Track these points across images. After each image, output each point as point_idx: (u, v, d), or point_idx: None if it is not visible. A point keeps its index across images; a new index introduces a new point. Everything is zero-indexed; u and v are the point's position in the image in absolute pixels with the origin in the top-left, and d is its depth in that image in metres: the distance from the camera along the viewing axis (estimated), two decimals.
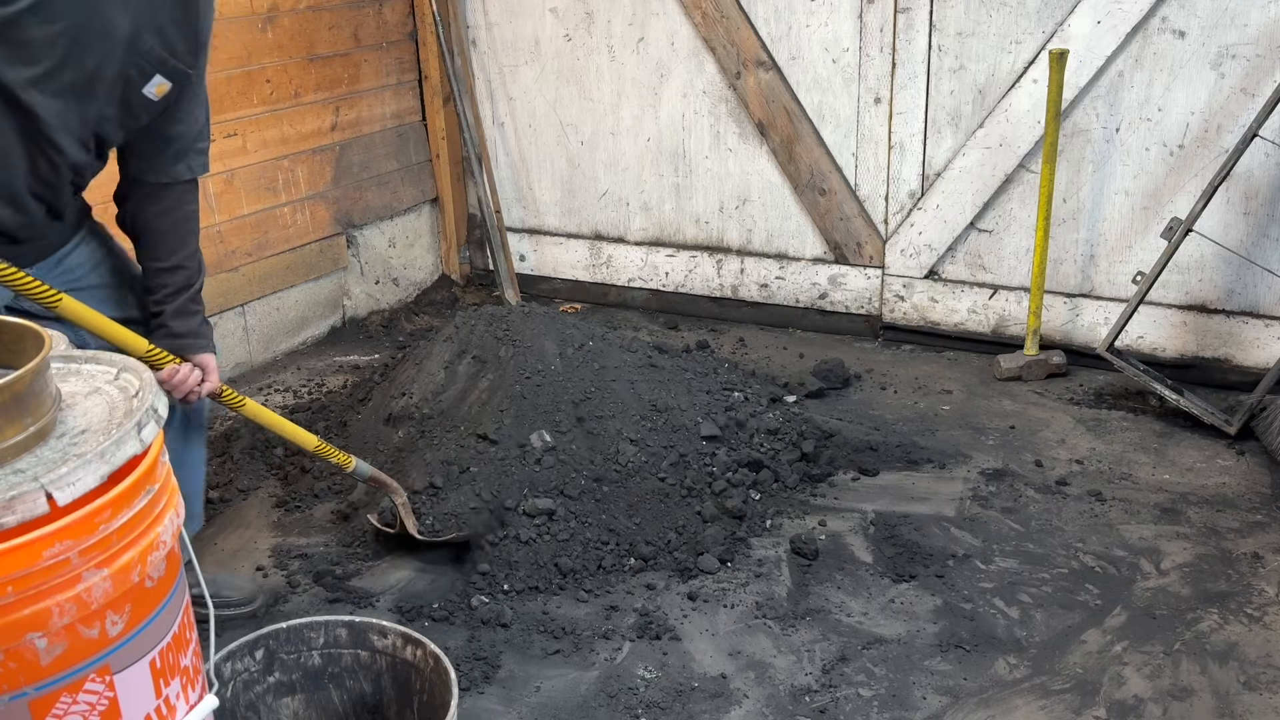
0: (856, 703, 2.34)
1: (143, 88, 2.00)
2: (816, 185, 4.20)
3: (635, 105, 4.44)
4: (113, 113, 2.00)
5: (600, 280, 4.77)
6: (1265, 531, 2.90)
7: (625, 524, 2.88)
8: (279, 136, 4.07)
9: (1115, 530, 2.94)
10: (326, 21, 4.20)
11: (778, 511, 3.04)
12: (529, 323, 3.32)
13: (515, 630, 2.58)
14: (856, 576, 2.77)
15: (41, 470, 1.21)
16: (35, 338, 1.34)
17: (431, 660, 1.94)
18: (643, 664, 2.47)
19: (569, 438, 3.00)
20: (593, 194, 4.67)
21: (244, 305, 4.03)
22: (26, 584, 1.18)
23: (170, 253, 2.19)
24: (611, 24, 4.37)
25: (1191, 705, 2.30)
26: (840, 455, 3.31)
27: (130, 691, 1.32)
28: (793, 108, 4.15)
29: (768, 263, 4.40)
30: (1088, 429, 3.50)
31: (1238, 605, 2.61)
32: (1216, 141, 3.54)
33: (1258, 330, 3.64)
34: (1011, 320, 4.03)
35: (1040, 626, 2.56)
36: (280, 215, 4.14)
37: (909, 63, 3.90)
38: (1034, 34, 3.69)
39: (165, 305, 2.20)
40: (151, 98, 2.03)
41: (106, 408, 1.36)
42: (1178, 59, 3.53)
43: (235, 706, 1.95)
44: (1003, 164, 3.85)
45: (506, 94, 4.67)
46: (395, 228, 4.70)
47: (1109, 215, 3.78)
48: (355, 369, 4.08)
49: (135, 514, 1.29)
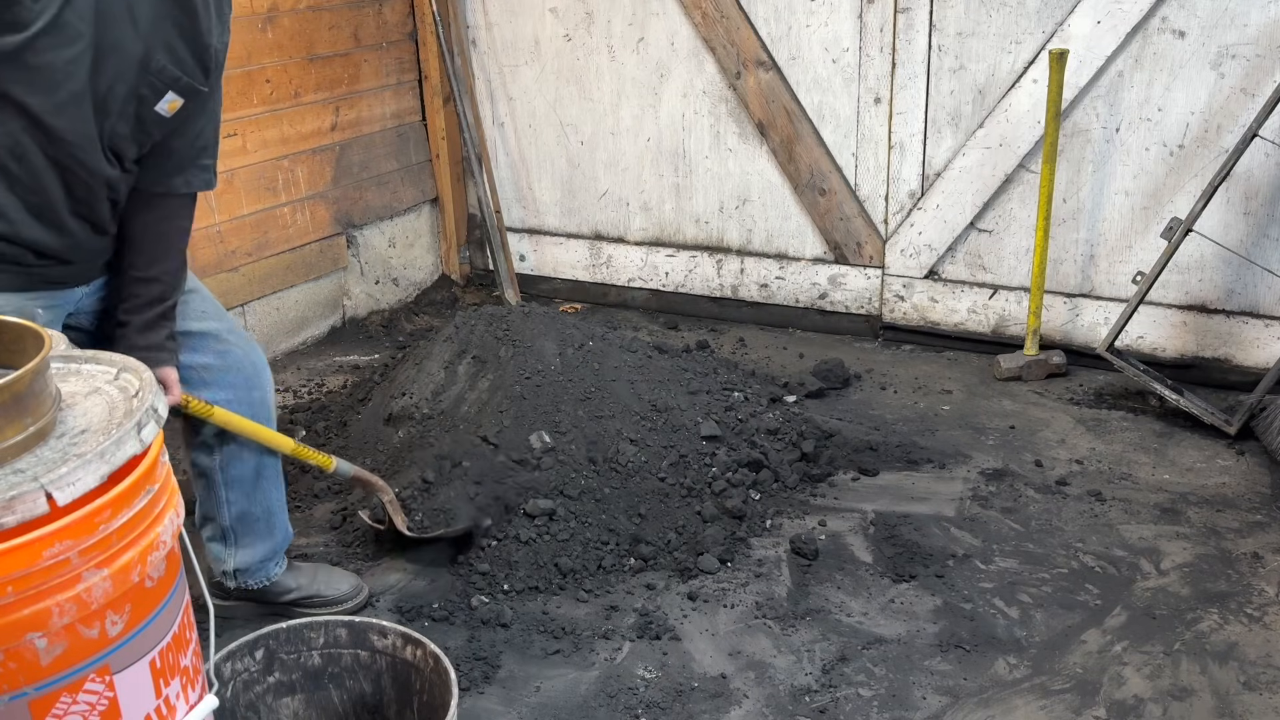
0: (856, 703, 2.34)
1: (155, 105, 2.01)
2: (816, 185, 4.21)
3: (635, 105, 4.44)
4: (126, 130, 2.00)
5: (600, 280, 4.77)
6: (1265, 531, 2.90)
7: (625, 524, 2.88)
8: (279, 136, 4.07)
9: (1115, 530, 2.94)
10: (326, 21, 4.20)
11: (778, 511, 3.04)
12: (529, 323, 3.32)
13: (515, 630, 2.58)
14: (856, 576, 2.77)
15: (41, 470, 1.21)
16: (35, 338, 1.34)
17: (431, 660, 1.94)
18: (643, 664, 2.47)
19: (569, 438, 3.00)
20: (593, 194, 4.67)
21: (244, 305, 4.03)
22: (26, 584, 1.18)
23: (150, 264, 2.16)
24: (611, 24, 4.37)
25: (1191, 705, 2.30)
26: (840, 455, 3.31)
27: (130, 691, 1.32)
28: (793, 108, 4.15)
29: (768, 263, 4.40)
30: (1088, 429, 3.50)
31: (1238, 605, 2.61)
32: (1216, 141, 3.54)
33: (1258, 330, 3.64)
34: (1011, 320, 4.03)
35: (1040, 626, 2.56)
36: (280, 215, 4.14)
37: (909, 63, 3.90)
38: (1034, 34, 3.69)
39: (134, 316, 2.16)
40: (164, 114, 2.04)
41: (106, 408, 1.36)
42: (1178, 59, 3.53)
43: (235, 706, 1.95)
44: (1003, 164, 3.85)
45: (506, 94, 4.67)
46: (395, 228, 4.70)
47: (1109, 215, 3.78)
48: (355, 369, 4.08)
49: (135, 514, 1.29)
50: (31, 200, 1.95)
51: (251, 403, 2.40)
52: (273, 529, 2.55)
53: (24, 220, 1.96)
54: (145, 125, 2.03)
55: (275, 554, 2.58)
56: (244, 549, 2.53)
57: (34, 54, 1.80)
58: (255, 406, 2.42)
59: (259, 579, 2.57)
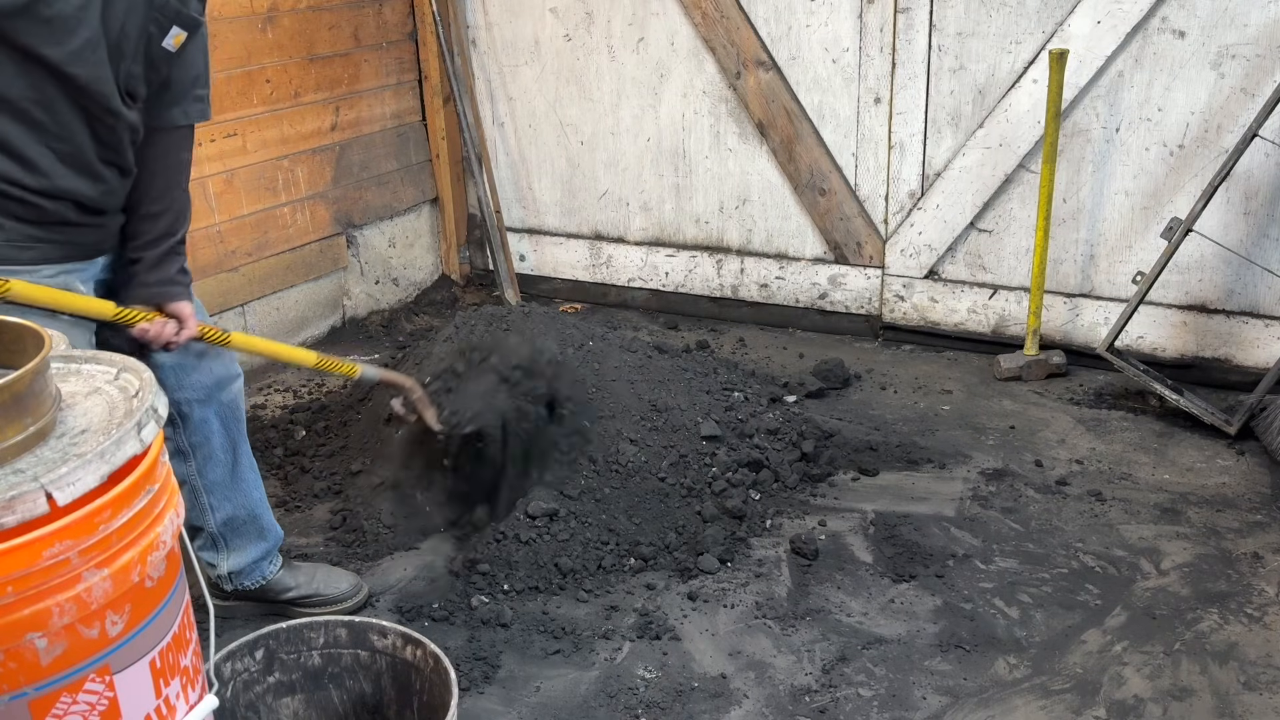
0: (856, 703, 2.34)
1: (163, 41, 2.03)
2: (816, 185, 4.20)
3: (635, 105, 4.44)
4: (139, 70, 2.02)
5: (600, 280, 4.77)
6: (1265, 531, 2.90)
7: (625, 524, 2.88)
8: (279, 136, 4.07)
9: (1115, 530, 2.94)
10: (326, 21, 4.20)
11: (778, 511, 3.04)
12: (529, 323, 3.32)
13: (515, 630, 2.58)
14: (856, 576, 2.77)
15: (41, 470, 1.21)
16: (35, 338, 1.34)
17: (431, 660, 1.94)
18: (643, 664, 2.47)
19: None
20: (593, 194, 4.67)
21: (244, 305, 4.03)
22: (26, 584, 1.18)
23: (156, 199, 2.18)
24: (611, 24, 4.37)
25: (1191, 705, 2.30)
26: (840, 455, 3.31)
27: (130, 691, 1.32)
28: (793, 108, 4.15)
29: (768, 263, 4.40)
30: (1088, 429, 3.50)
31: (1238, 605, 2.61)
32: (1216, 141, 3.54)
33: (1258, 330, 3.64)
34: (1011, 320, 4.03)
35: (1040, 626, 2.56)
36: (280, 215, 4.14)
37: (909, 63, 3.90)
38: (1034, 34, 3.69)
39: (144, 253, 2.18)
40: (170, 49, 2.06)
41: (106, 408, 1.36)
42: (1178, 59, 3.53)
43: (235, 706, 1.95)
44: (1003, 164, 3.85)
45: (506, 94, 4.67)
46: (395, 228, 4.70)
47: (1109, 215, 3.78)
48: None
49: (135, 514, 1.29)
50: (63, 149, 1.97)
51: (221, 403, 2.41)
52: (261, 529, 2.55)
53: (58, 170, 1.97)
54: (155, 63, 2.05)
55: (268, 553, 2.58)
56: (235, 552, 2.53)
57: (46, 5, 1.83)
58: (225, 408, 2.42)
59: (254, 579, 2.58)
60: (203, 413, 2.37)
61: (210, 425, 2.40)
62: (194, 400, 2.36)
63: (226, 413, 2.42)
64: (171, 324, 2.19)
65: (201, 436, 2.40)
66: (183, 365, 2.33)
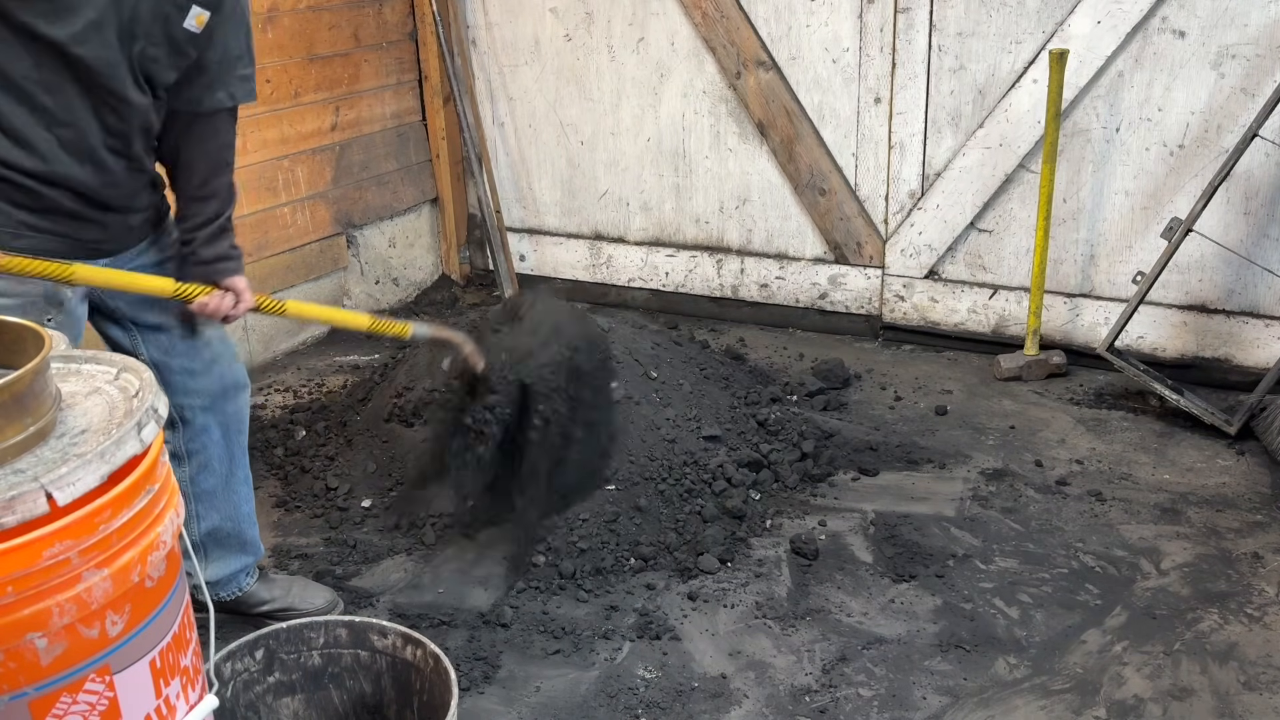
0: (856, 703, 2.34)
1: (183, 22, 1.99)
2: (816, 185, 4.20)
3: (635, 105, 4.44)
4: (158, 52, 1.98)
5: (600, 280, 4.77)
6: (1265, 531, 2.90)
7: (625, 524, 2.88)
8: (279, 136, 4.07)
9: (1115, 530, 2.94)
10: (326, 21, 4.20)
11: (778, 511, 3.04)
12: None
13: (515, 630, 2.58)
14: (856, 576, 2.77)
15: (41, 470, 1.21)
16: (35, 338, 1.34)
17: (431, 660, 1.94)
18: (643, 664, 2.47)
19: None
20: (593, 194, 4.67)
21: None
22: (26, 584, 1.18)
23: (204, 182, 2.20)
24: (611, 24, 4.37)
25: (1191, 705, 2.30)
26: (840, 455, 3.31)
27: (130, 691, 1.32)
28: (793, 108, 4.15)
29: (768, 263, 4.40)
30: (1088, 429, 3.50)
31: (1238, 605, 2.61)
32: (1216, 141, 3.54)
33: (1258, 330, 3.64)
34: (1011, 320, 4.03)
35: (1040, 626, 2.56)
36: (280, 215, 4.13)
37: (909, 63, 3.90)
38: (1034, 34, 3.69)
39: (197, 233, 2.21)
40: (194, 30, 2.01)
41: (106, 408, 1.36)
42: (1178, 59, 3.53)
43: (235, 706, 1.95)
44: (1003, 164, 3.85)
45: (506, 94, 4.67)
46: (395, 228, 4.70)
47: (1109, 215, 3.78)
48: (355, 369, 4.08)
49: (135, 514, 1.29)
50: (66, 135, 1.94)
51: (225, 413, 2.40)
52: (243, 544, 2.52)
53: (58, 156, 1.95)
54: (179, 45, 2.01)
55: (247, 567, 2.55)
56: (214, 563, 2.50)
57: None
58: (229, 418, 2.41)
59: (230, 590, 2.54)
60: (204, 420, 2.36)
61: (210, 434, 2.38)
62: (197, 406, 2.35)
63: (229, 423, 2.41)
64: (230, 297, 2.20)
65: (200, 444, 2.38)
66: (191, 370, 2.32)
